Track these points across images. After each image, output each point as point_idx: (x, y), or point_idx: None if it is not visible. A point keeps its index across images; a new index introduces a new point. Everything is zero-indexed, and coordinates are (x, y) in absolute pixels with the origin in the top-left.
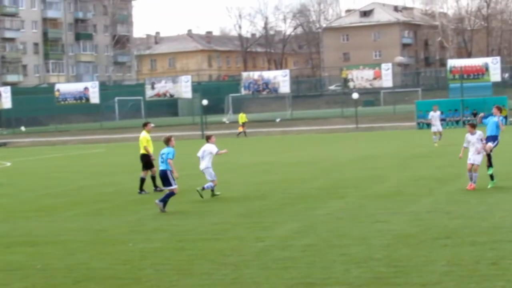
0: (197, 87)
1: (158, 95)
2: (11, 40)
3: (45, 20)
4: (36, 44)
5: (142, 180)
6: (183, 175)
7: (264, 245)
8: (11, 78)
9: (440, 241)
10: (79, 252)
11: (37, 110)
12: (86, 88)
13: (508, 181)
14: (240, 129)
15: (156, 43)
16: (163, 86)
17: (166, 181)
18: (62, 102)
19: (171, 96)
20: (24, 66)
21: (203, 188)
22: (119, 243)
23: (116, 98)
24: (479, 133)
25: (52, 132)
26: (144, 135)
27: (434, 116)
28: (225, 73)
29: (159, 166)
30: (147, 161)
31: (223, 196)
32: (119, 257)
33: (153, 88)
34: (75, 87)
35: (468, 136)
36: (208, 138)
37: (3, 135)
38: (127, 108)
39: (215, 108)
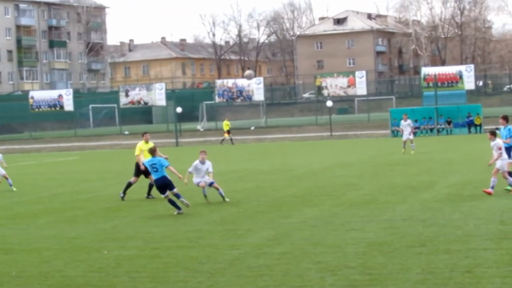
0: (171, 95)
1: (132, 102)
2: None
3: (18, 27)
4: (10, 51)
5: (150, 186)
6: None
7: (238, 253)
8: None
9: (415, 249)
10: (53, 259)
11: (11, 117)
12: (60, 96)
13: (481, 189)
14: (226, 135)
15: (130, 50)
16: (137, 94)
17: (169, 185)
18: (36, 110)
19: (145, 103)
20: None
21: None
22: (93, 250)
23: (90, 106)
24: (496, 141)
25: (27, 139)
26: (139, 144)
27: (404, 124)
28: (199, 80)
29: (153, 175)
30: (141, 169)
31: (198, 203)
32: (93, 265)
33: (127, 95)
34: (49, 95)
35: (491, 143)
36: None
37: None
38: (101, 115)
39: (189, 115)
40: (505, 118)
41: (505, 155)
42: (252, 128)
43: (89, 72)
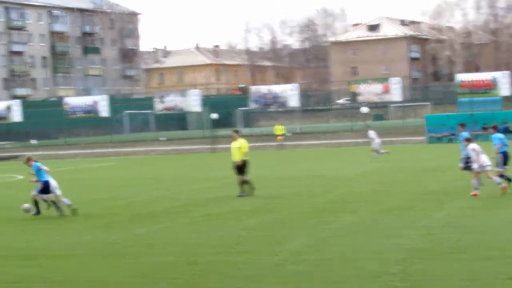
0: (205, 101)
1: (167, 109)
2: (19, 53)
3: (52, 33)
4: (44, 58)
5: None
6: (195, 188)
7: (277, 259)
8: (20, 91)
9: (455, 256)
10: (92, 265)
11: (47, 123)
12: (95, 102)
13: None
14: (278, 138)
15: (164, 57)
16: (172, 100)
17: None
18: (72, 116)
19: (180, 110)
20: (33, 80)
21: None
22: (131, 256)
23: (126, 112)
24: (471, 146)
25: (62, 145)
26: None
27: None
28: (233, 87)
29: None
30: (243, 166)
31: (235, 209)
32: (132, 270)
33: (162, 102)
34: (84, 101)
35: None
36: None
37: (6, 148)
38: (137, 121)
39: (224, 121)
40: (463, 125)
41: (479, 159)
42: (289, 134)
43: (123, 79)
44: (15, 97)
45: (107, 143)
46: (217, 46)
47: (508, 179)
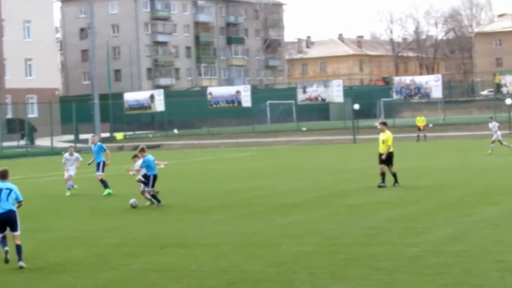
0: (348, 92)
1: (309, 99)
2: (164, 44)
3: (197, 24)
4: (188, 48)
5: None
6: (336, 179)
7: (417, 251)
8: (164, 81)
9: None
10: (232, 254)
11: (189, 113)
12: (238, 92)
13: None
14: (421, 129)
15: (307, 47)
16: (315, 90)
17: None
18: (214, 106)
19: (323, 100)
20: (177, 70)
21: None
22: (271, 246)
23: (268, 102)
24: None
25: (204, 135)
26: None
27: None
28: (376, 77)
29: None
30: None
31: (376, 200)
32: (272, 260)
33: (304, 92)
34: (227, 91)
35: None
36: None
37: (149, 138)
38: (279, 111)
39: (367, 112)
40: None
41: None
42: (430, 125)
43: (266, 69)
44: (158, 86)
45: (249, 133)
46: (360, 37)
47: None
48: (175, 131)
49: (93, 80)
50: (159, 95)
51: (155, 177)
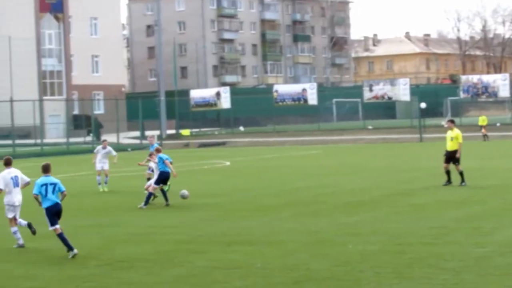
0: (415, 90)
1: (376, 97)
2: (230, 41)
3: (263, 21)
4: (254, 45)
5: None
6: (402, 178)
7: (484, 251)
8: (230, 78)
9: None
10: (297, 252)
11: (255, 110)
12: (304, 90)
13: None
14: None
15: (374, 45)
16: (381, 89)
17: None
18: (280, 103)
19: (389, 98)
20: (243, 67)
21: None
22: (337, 244)
23: (334, 100)
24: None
25: (270, 132)
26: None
27: None
28: (443, 76)
29: None
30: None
31: (442, 199)
32: (338, 259)
33: (371, 90)
34: (293, 88)
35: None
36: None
37: (215, 135)
38: (345, 110)
39: (433, 111)
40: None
41: None
42: (498, 124)
43: (332, 67)
44: (224, 84)
45: (315, 131)
46: (427, 35)
47: None
48: (241, 128)
49: (160, 77)
50: (225, 92)
51: (163, 174)
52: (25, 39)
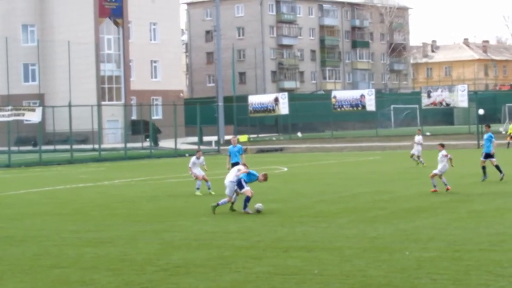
0: (473, 97)
1: (434, 103)
2: (289, 47)
3: (322, 27)
4: (313, 51)
5: None
6: (460, 184)
7: None
8: (288, 84)
9: None
10: (355, 258)
11: (313, 116)
12: (362, 96)
13: None
14: (508, 139)
15: (433, 51)
16: (439, 95)
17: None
18: (338, 109)
19: (447, 105)
20: (301, 73)
21: (218, 204)
22: (395, 251)
23: (392, 106)
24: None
25: (328, 138)
26: None
27: None
28: (501, 82)
29: None
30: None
31: (501, 206)
32: (395, 265)
33: (429, 96)
34: (351, 94)
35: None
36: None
37: (273, 140)
38: (403, 116)
39: (491, 117)
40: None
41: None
42: None
43: (391, 73)
44: (282, 89)
45: (373, 137)
46: (486, 41)
47: None
48: (299, 134)
49: (218, 83)
50: (284, 98)
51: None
52: (84, 44)
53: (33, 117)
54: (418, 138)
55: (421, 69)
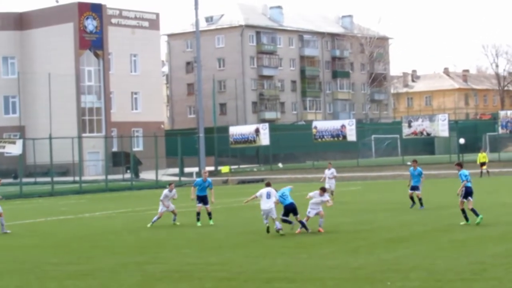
0: (453, 126)
1: (414, 133)
2: (269, 77)
3: (302, 58)
4: (293, 82)
5: None
6: (441, 214)
7: None
8: (269, 115)
9: None
10: None
11: (294, 147)
12: (343, 126)
13: None
14: (483, 167)
15: (413, 81)
16: (420, 125)
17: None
18: (319, 140)
19: (428, 134)
20: (282, 103)
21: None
22: (376, 281)
23: (373, 136)
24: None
25: (309, 169)
26: None
27: None
28: (482, 111)
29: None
30: None
31: (481, 235)
32: None
33: (409, 126)
34: (332, 125)
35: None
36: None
37: (253, 171)
38: (384, 146)
39: (472, 146)
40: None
41: None
42: None
43: (371, 103)
44: (263, 120)
45: (354, 167)
46: (466, 71)
47: None
48: (280, 165)
49: (199, 114)
50: (264, 129)
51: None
52: (64, 76)
53: (14, 149)
54: (329, 172)
55: (401, 99)
